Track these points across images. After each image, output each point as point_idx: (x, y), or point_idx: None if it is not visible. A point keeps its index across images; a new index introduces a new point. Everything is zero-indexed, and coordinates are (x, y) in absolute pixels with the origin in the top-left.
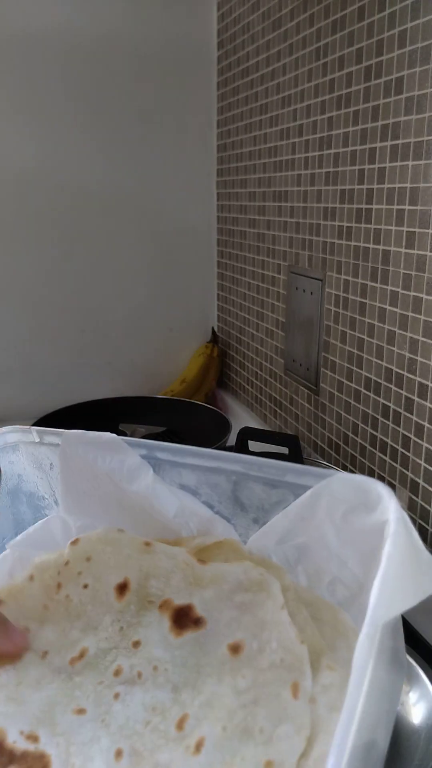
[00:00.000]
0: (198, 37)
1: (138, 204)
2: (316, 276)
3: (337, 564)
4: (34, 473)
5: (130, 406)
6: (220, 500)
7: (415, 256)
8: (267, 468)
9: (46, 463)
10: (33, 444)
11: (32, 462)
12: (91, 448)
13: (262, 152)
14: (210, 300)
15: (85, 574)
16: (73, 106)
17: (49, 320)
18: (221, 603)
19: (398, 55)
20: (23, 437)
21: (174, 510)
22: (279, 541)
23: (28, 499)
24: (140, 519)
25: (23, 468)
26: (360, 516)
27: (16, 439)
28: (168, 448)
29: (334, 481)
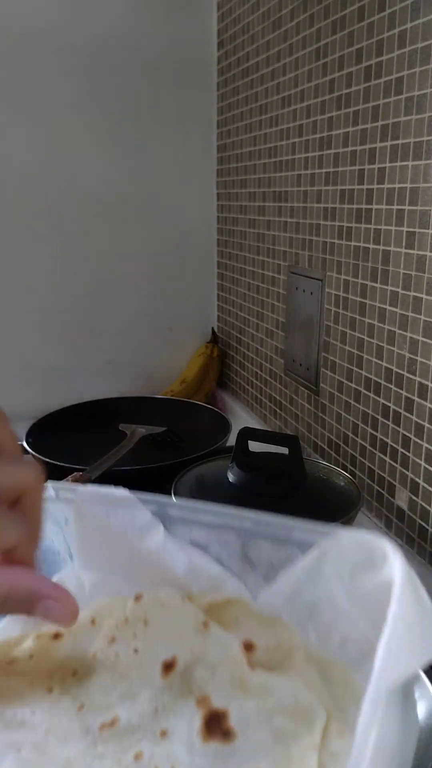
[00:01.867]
0: (198, 37)
1: (138, 204)
2: (316, 276)
3: (347, 623)
4: (50, 528)
5: (130, 406)
6: (229, 557)
7: (415, 256)
8: (275, 525)
9: (61, 518)
10: (49, 499)
11: (48, 517)
12: (104, 504)
13: (262, 152)
14: (210, 300)
15: (139, 637)
16: (73, 106)
17: (50, 320)
18: (259, 720)
19: (398, 55)
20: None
21: (184, 567)
22: (289, 599)
23: (44, 554)
24: (152, 576)
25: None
26: (367, 574)
27: None
28: (178, 505)
29: (340, 538)
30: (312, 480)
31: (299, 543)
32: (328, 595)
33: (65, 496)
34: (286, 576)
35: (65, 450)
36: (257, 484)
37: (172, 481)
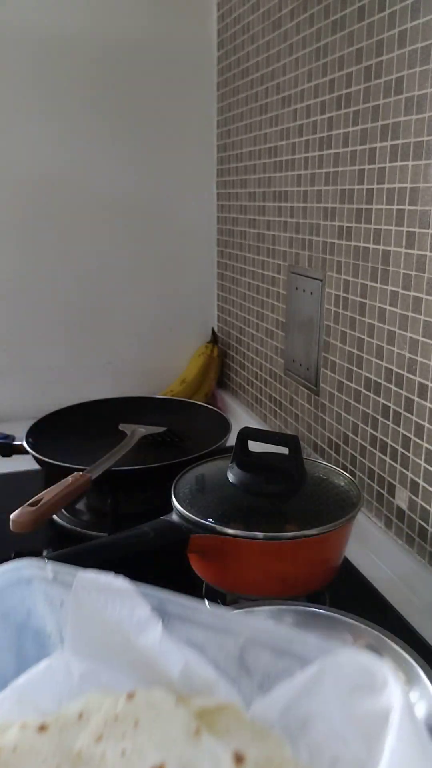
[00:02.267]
0: (198, 37)
1: (138, 204)
2: (316, 276)
3: (340, 743)
4: (44, 609)
5: (130, 406)
6: (226, 661)
7: (415, 256)
8: (275, 635)
9: (57, 600)
10: (46, 580)
11: (44, 597)
12: (103, 593)
13: (262, 152)
14: (210, 300)
15: (128, 738)
16: (73, 107)
17: (50, 320)
18: None
19: (398, 55)
20: (38, 572)
21: (179, 669)
22: (282, 712)
23: (35, 635)
24: (145, 672)
25: (34, 603)
26: (365, 697)
27: (31, 573)
28: (179, 603)
29: (341, 657)
30: (312, 480)
31: (299, 656)
32: (323, 712)
33: (63, 579)
34: (282, 688)
35: (65, 450)
36: (257, 484)
37: (172, 481)
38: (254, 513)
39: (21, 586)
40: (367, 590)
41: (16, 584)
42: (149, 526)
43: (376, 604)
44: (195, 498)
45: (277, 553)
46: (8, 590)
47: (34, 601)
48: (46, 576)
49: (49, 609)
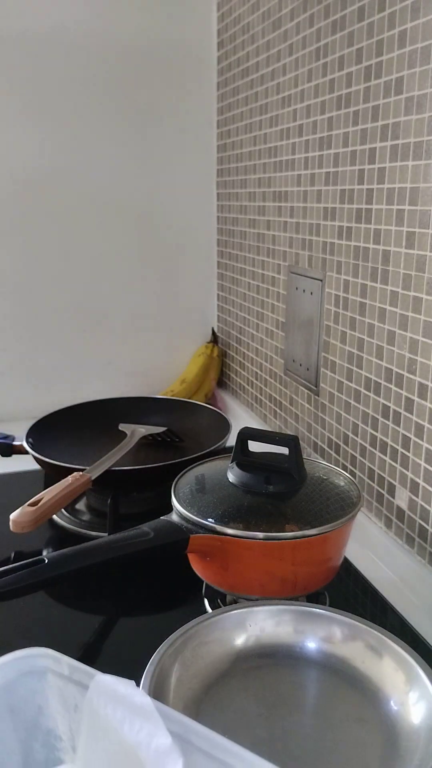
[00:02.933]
0: (198, 37)
1: (138, 204)
2: (316, 276)
3: None
4: (56, 709)
5: (130, 406)
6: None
7: (415, 256)
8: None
9: (71, 701)
10: (61, 676)
11: (57, 695)
12: (120, 706)
13: (262, 152)
14: (210, 300)
15: None
16: (73, 107)
17: (49, 320)
18: None
19: (398, 55)
20: (53, 665)
21: None
22: None
23: (45, 736)
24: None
25: (46, 700)
26: None
27: (45, 665)
28: (205, 737)
29: None
30: (312, 480)
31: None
32: None
33: (79, 679)
34: None
35: (65, 450)
36: (257, 484)
37: (172, 481)
38: (254, 513)
39: (33, 678)
40: (367, 590)
41: (27, 675)
42: (149, 526)
43: (376, 604)
44: (195, 498)
45: (277, 553)
46: (19, 681)
47: (47, 697)
48: (61, 671)
49: (62, 709)
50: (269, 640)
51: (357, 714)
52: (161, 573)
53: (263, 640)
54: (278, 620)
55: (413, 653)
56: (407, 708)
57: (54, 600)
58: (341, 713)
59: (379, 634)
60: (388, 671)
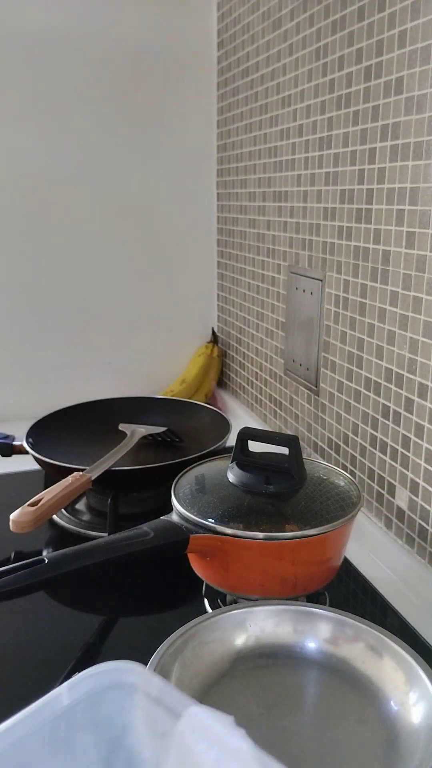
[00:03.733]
0: (198, 37)
1: (138, 204)
2: (316, 276)
3: None
4: (143, 731)
5: (130, 406)
6: None
7: (415, 256)
8: None
9: (159, 726)
10: (149, 697)
11: (144, 717)
12: (216, 746)
13: (262, 152)
14: (210, 300)
15: None
16: (73, 107)
17: (49, 320)
18: None
19: (398, 55)
20: (142, 683)
21: None
22: None
23: (128, 757)
24: None
25: (132, 720)
26: None
27: (134, 682)
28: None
29: None
30: (312, 480)
31: None
32: None
33: (169, 705)
34: None
35: (65, 450)
36: (257, 484)
37: (172, 481)
38: (254, 513)
39: (120, 694)
40: (367, 590)
41: (114, 690)
42: (149, 526)
43: (376, 604)
44: (195, 498)
45: (277, 553)
46: (105, 695)
47: (133, 717)
48: (149, 692)
49: (149, 733)
50: (269, 640)
51: (357, 714)
52: (161, 573)
53: (263, 640)
54: (278, 620)
55: (413, 653)
56: (407, 708)
57: (54, 600)
58: (341, 713)
59: (379, 634)
60: (388, 671)
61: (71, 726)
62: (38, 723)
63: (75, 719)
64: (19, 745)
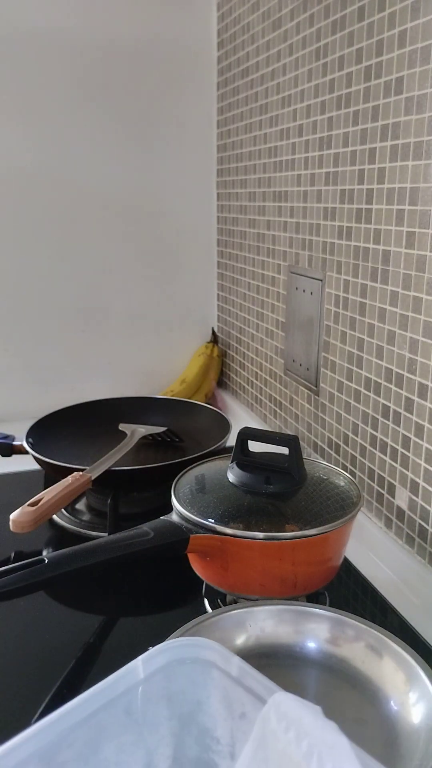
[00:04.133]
0: (198, 37)
1: (138, 204)
2: (316, 276)
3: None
4: (218, 709)
5: (130, 406)
6: None
7: (415, 256)
8: None
9: (236, 707)
10: (228, 676)
11: (220, 695)
12: (308, 736)
13: (262, 152)
14: (210, 300)
15: None
16: (73, 106)
17: (49, 320)
18: None
19: (398, 55)
20: (221, 662)
21: None
22: None
23: (200, 733)
24: None
25: (207, 697)
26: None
27: (212, 660)
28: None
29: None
30: (312, 480)
31: None
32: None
33: (249, 685)
34: None
35: (65, 450)
36: (257, 484)
37: (172, 481)
38: (254, 513)
39: (196, 670)
40: (367, 590)
41: (190, 664)
42: (149, 526)
43: (376, 604)
44: (195, 498)
45: (277, 553)
46: (180, 669)
47: (209, 694)
48: (228, 671)
49: (225, 711)
50: (269, 640)
51: (357, 714)
52: (161, 573)
53: (263, 640)
54: (278, 620)
55: (413, 653)
56: (407, 708)
57: (54, 600)
58: (341, 713)
59: (379, 634)
60: (388, 671)
61: (145, 698)
62: (114, 695)
63: (149, 692)
64: (94, 716)
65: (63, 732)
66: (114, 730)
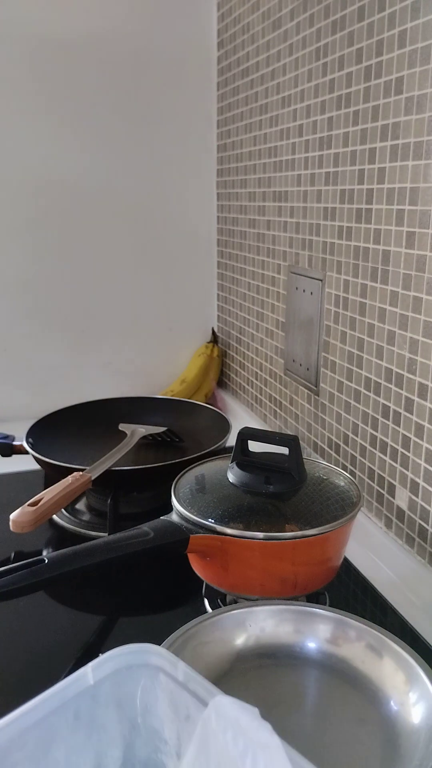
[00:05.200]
0: (198, 37)
1: (138, 204)
2: (316, 276)
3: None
4: (165, 712)
5: (130, 406)
6: None
7: (415, 256)
8: None
9: (182, 709)
10: (175, 681)
11: (167, 699)
12: (243, 736)
13: (262, 152)
14: (210, 300)
15: None
16: (73, 107)
17: (49, 320)
18: None
19: (398, 55)
20: (167, 667)
21: None
22: None
23: (149, 735)
24: None
25: (155, 701)
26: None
27: (159, 665)
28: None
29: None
30: (312, 480)
31: None
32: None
33: (194, 690)
34: None
35: (65, 450)
36: (257, 484)
37: (172, 481)
38: (254, 513)
39: (144, 675)
40: (367, 590)
41: (138, 670)
42: (149, 526)
43: (376, 604)
44: (195, 498)
45: (277, 553)
46: (128, 675)
47: (156, 698)
48: (175, 675)
49: (172, 714)
50: (269, 640)
51: (357, 714)
52: (161, 573)
53: (263, 640)
54: (278, 620)
55: (413, 653)
56: (407, 708)
57: (54, 600)
58: (341, 713)
59: (379, 634)
60: (388, 671)
61: (95, 703)
62: (63, 700)
63: (99, 696)
64: (44, 720)
65: (14, 735)
66: (64, 733)
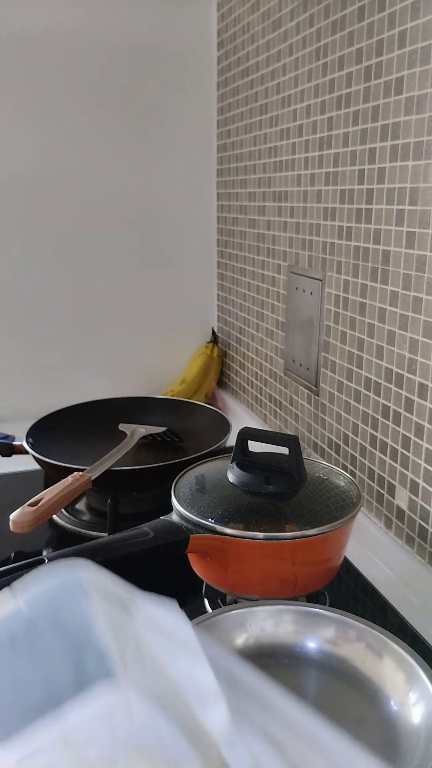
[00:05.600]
0: (198, 37)
1: (138, 204)
2: (316, 276)
3: None
4: (105, 627)
5: (130, 406)
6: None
7: (415, 256)
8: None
9: (118, 622)
10: (106, 592)
11: (105, 615)
12: (165, 637)
13: (262, 152)
14: (210, 300)
15: None
16: (73, 107)
17: (49, 320)
18: None
19: (398, 55)
20: (97, 579)
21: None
22: None
23: (98, 655)
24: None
25: (95, 619)
26: None
27: (89, 579)
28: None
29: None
30: (312, 480)
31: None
32: None
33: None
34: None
35: (65, 450)
36: (257, 484)
37: (172, 481)
38: (254, 513)
39: (79, 596)
40: (367, 590)
41: (72, 592)
42: (149, 526)
43: (376, 604)
44: (195, 498)
45: (277, 553)
46: (65, 599)
47: (95, 616)
48: (105, 587)
49: (111, 629)
50: (269, 640)
51: (357, 714)
52: (161, 573)
53: (263, 640)
54: (278, 620)
55: (413, 653)
56: (407, 708)
57: None
58: (341, 713)
59: (379, 634)
60: (388, 671)
61: (31, 627)
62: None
63: (34, 619)
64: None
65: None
66: (2, 662)
